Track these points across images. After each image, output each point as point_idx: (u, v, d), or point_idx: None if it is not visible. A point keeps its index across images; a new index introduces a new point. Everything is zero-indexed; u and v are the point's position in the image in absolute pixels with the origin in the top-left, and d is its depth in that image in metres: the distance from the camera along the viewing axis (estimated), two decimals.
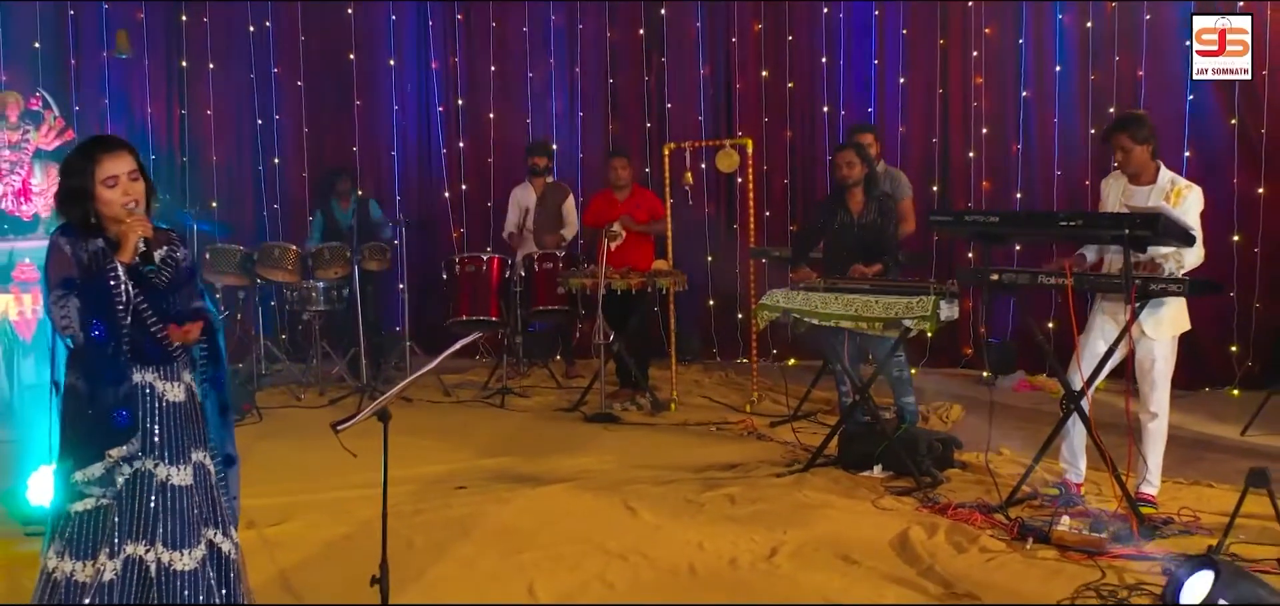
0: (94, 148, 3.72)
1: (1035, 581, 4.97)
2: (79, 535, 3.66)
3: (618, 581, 5.07)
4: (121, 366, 3.66)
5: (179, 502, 3.72)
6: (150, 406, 3.72)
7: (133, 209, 3.66)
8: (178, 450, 3.75)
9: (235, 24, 11.21)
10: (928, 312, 6.26)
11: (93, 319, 3.60)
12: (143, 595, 3.63)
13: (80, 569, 3.64)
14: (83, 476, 3.66)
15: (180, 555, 3.70)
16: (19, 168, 9.65)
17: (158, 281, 3.74)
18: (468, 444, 7.72)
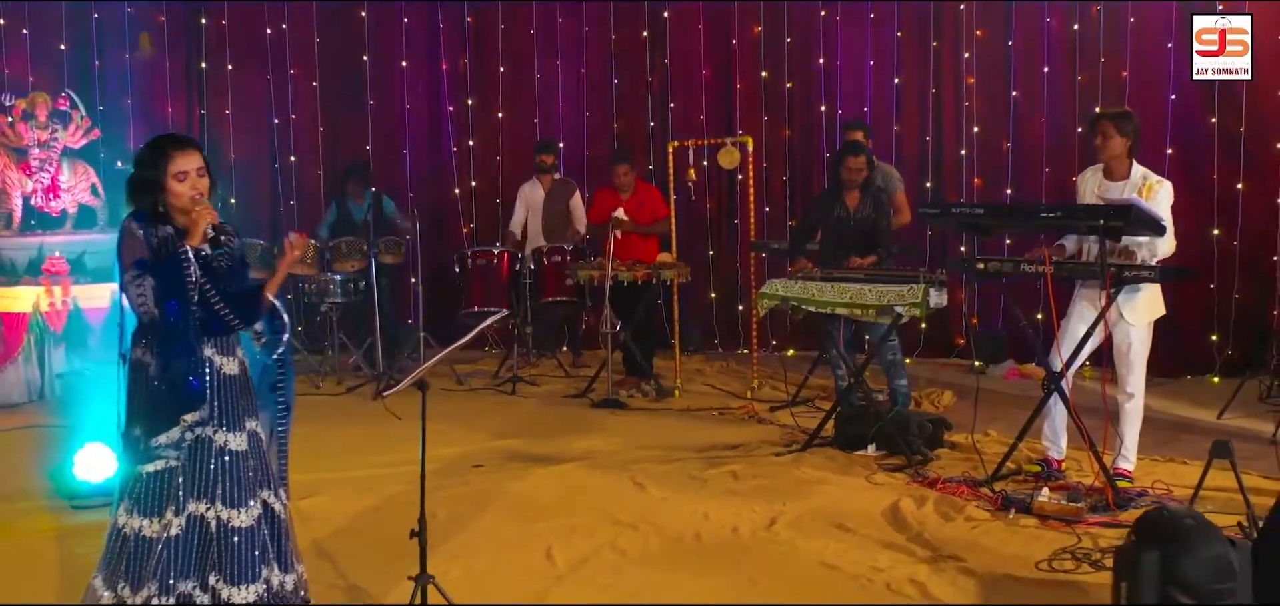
0: (167, 144, 4.08)
1: (1016, 546, 5.37)
2: (147, 495, 4.02)
3: (629, 548, 5.46)
4: (191, 341, 4.03)
5: (235, 466, 4.08)
6: (213, 379, 4.09)
7: (199, 200, 4.03)
8: (233, 418, 4.11)
9: (253, 26, 11.54)
10: (918, 300, 6.67)
11: (168, 298, 3.96)
12: (204, 548, 4.00)
13: (148, 525, 4.00)
14: (162, 439, 4.00)
15: (237, 513, 4.06)
16: (48, 165, 10.03)
17: (218, 266, 4.10)
18: (482, 427, 8.09)
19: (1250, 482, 5.70)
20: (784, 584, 4.95)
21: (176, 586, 3.96)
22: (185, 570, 3.98)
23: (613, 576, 5.09)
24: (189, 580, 3.98)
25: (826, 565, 5.17)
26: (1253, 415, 7.98)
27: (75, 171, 10.21)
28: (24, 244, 9.82)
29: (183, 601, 3.96)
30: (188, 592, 3.97)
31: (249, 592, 4.02)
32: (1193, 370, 9.50)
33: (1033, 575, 5.00)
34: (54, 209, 10.14)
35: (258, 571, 4.06)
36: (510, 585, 4.89)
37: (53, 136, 10.03)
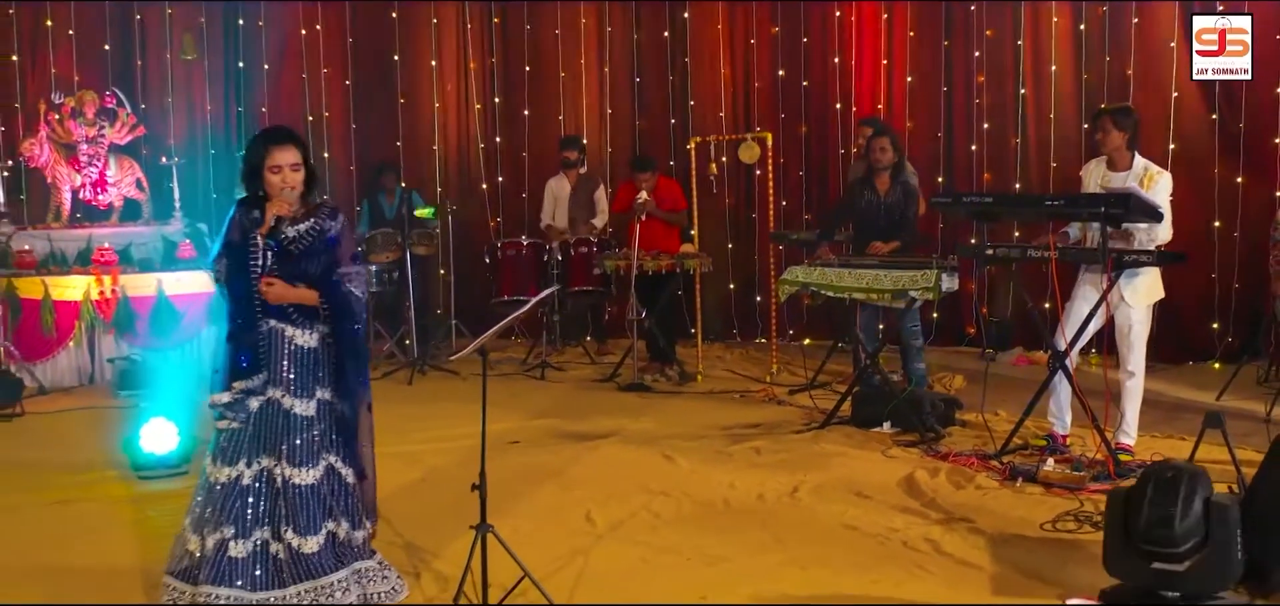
0: (268, 138, 4.49)
1: (1023, 510, 5.77)
2: (227, 448, 4.45)
3: (662, 511, 5.88)
4: (253, 317, 4.43)
5: (299, 429, 4.49)
6: (279, 349, 4.48)
7: (285, 192, 4.43)
8: (303, 386, 4.51)
9: (288, 27, 11.95)
10: (931, 284, 7.09)
11: (233, 278, 4.41)
12: (272, 498, 4.43)
13: (224, 472, 4.43)
14: (218, 398, 4.45)
15: (300, 471, 4.46)
16: (96, 161, 10.47)
17: (295, 248, 4.51)
18: (516, 409, 8.50)
19: (1244, 454, 6.07)
20: (808, 541, 5.36)
21: (252, 531, 4.38)
22: (258, 519, 4.41)
23: (649, 534, 5.51)
24: (262, 528, 4.41)
25: (847, 525, 5.59)
26: (1249, 397, 8.36)
27: (121, 166, 10.63)
28: (73, 235, 10.25)
29: (259, 546, 4.38)
30: (263, 539, 4.40)
31: (313, 542, 4.44)
32: (1194, 356, 9.87)
33: (1037, 534, 5.40)
34: (101, 202, 10.57)
35: (320, 524, 4.47)
36: (555, 543, 5.29)
37: (100, 133, 10.45)
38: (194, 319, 10.01)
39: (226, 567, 4.31)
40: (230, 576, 4.30)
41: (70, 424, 8.36)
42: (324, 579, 4.41)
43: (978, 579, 4.85)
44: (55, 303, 9.66)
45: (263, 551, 4.38)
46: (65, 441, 7.75)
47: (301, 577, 4.38)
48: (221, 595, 4.26)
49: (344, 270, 4.54)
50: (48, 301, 9.62)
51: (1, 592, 4.83)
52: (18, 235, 10.00)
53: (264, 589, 4.33)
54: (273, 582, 4.35)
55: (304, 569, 4.39)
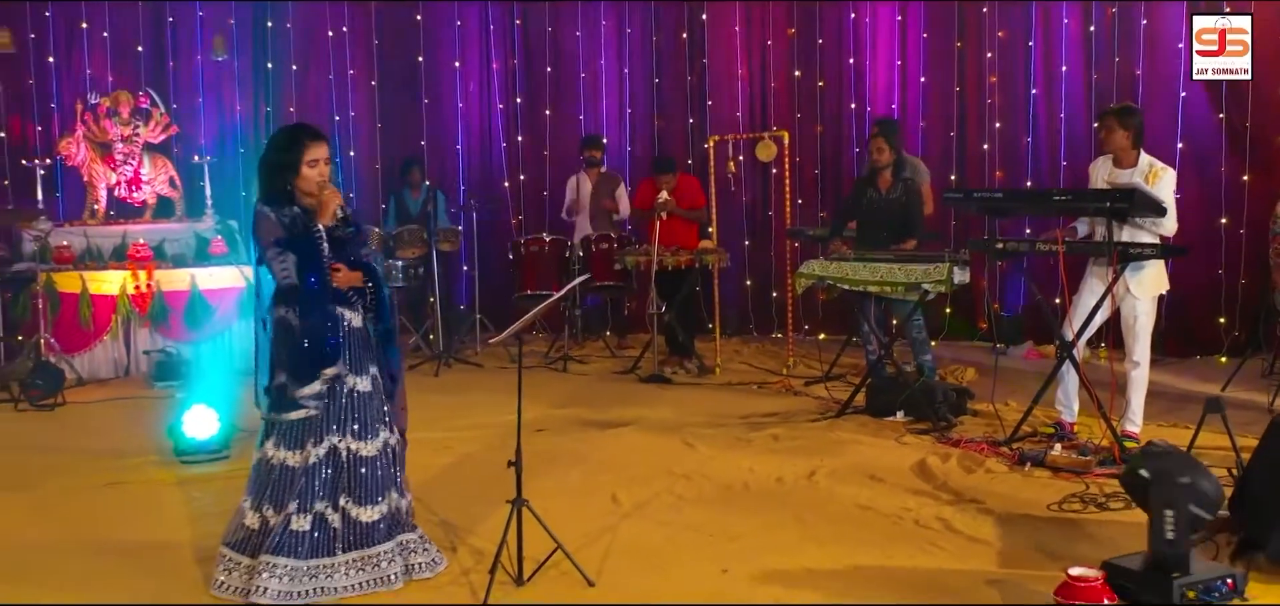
0: (302, 134, 4.74)
1: (1031, 492, 6.03)
2: (292, 433, 4.70)
3: (685, 493, 6.15)
4: (322, 306, 4.70)
5: (363, 404, 4.77)
6: (346, 333, 4.78)
7: (326, 185, 4.71)
8: (359, 364, 4.80)
9: (316, 29, 12.23)
10: (943, 277, 7.35)
11: (307, 270, 4.64)
12: (336, 472, 4.70)
13: (291, 456, 4.70)
14: (305, 391, 4.66)
15: (364, 444, 4.75)
16: (131, 159, 10.77)
17: (342, 236, 4.79)
18: (540, 399, 8.77)
19: (1246, 442, 6.30)
20: (825, 520, 5.62)
21: (313, 506, 4.65)
22: (321, 492, 4.68)
23: (673, 513, 5.78)
24: (323, 500, 4.68)
25: (862, 506, 5.85)
26: (1254, 389, 8.58)
27: (155, 165, 10.93)
28: (109, 232, 10.56)
29: (317, 518, 4.65)
30: (321, 511, 4.67)
31: (374, 512, 4.73)
32: (1201, 350, 10.10)
33: (1044, 514, 5.65)
34: (136, 200, 10.87)
35: (381, 494, 4.76)
36: (583, 521, 5.55)
37: (135, 132, 10.75)
38: (226, 313, 10.33)
39: (287, 540, 4.57)
40: (290, 548, 4.56)
41: (110, 413, 8.65)
42: (374, 548, 4.69)
43: (986, 553, 5.10)
44: (93, 297, 9.97)
45: (321, 521, 4.64)
46: (107, 429, 8.04)
47: (354, 546, 4.66)
48: (277, 563, 4.52)
49: (368, 252, 4.83)
50: (86, 295, 9.93)
51: (68, 564, 5.12)
52: (56, 231, 10.28)
53: (317, 556, 4.60)
54: (326, 550, 4.62)
55: (359, 537, 4.67)
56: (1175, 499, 4.36)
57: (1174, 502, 4.35)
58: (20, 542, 5.50)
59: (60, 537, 5.55)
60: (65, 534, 5.61)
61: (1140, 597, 4.36)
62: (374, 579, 4.68)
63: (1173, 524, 4.34)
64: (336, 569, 4.62)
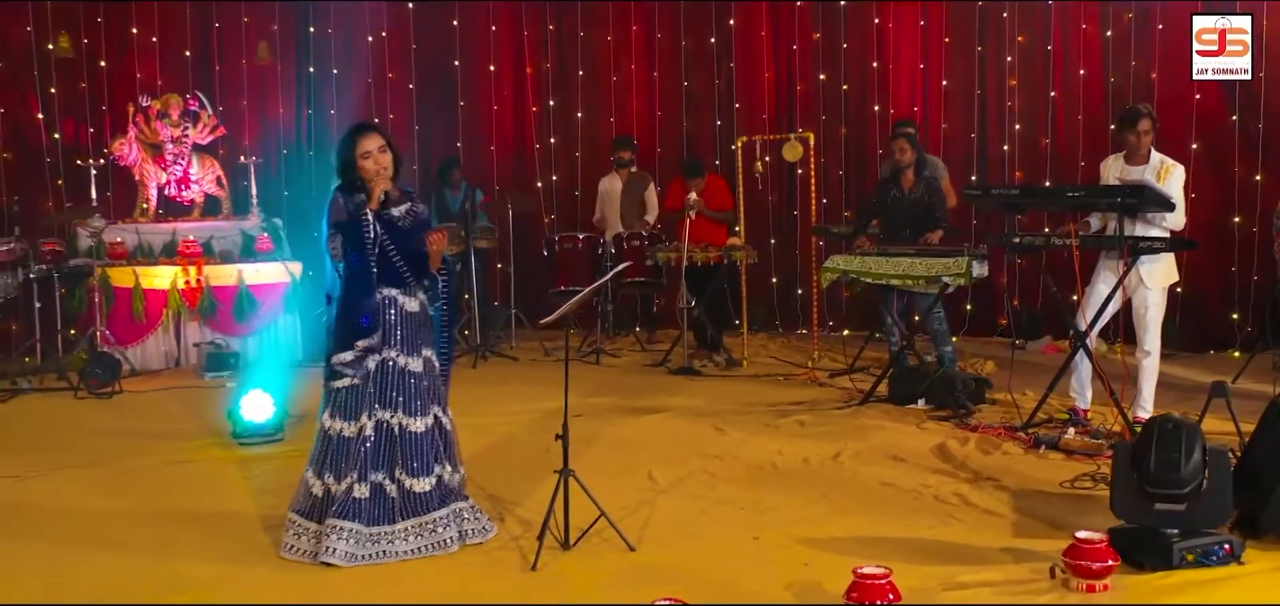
0: (356, 131, 5.17)
1: (1045, 472, 6.38)
2: (345, 404, 5.11)
3: (717, 472, 6.52)
4: (369, 285, 5.10)
5: (412, 383, 5.16)
6: (394, 314, 5.16)
7: (379, 174, 5.10)
8: (412, 345, 5.18)
9: (356, 34, 12.58)
10: (962, 270, 7.71)
11: (350, 250, 5.08)
12: (390, 445, 5.09)
13: (347, 427, 5.09)
14: (338, 360, 5.12)
15: (414, 420, 5.14)
16: (180, 159, 11.18)
17: (402, 225, 5.18)
18: (575, 389, 8.85)
19: (1250, 427, 6.63)
20: (850, 496, 5.98)
21: (370, 475, 5.04)
22: (377, 463, 5.07)
23: (706, 490, 6.16)
24: (380, 471, 5.07)
25: (884, 483, 6.22)
26: (1263, 381, 8.82)
27: (203, 165, 11.34)
28: (159, 229, 10.97)
29: (375, 487, 5.05)
30: (379, 481, 5.06)
31: (426, 483, 5.11)
32: (1215, 345, 10.39)
33: (1057, 491, 6.01)
34: (185, 198, 11.28)
35: (432, 467, 5.15)
36: (622, 496, 5.90)
37: (184, 133, 11.15)
38: (271, 307, 10.73)
39: (350, 505, 4.97)
40: (353, 513, 4.96)
41: (166, 401, 9.06)
42: (429, 515, 5.09)
43: (1001, 525, 5.45)
44: (145, 291, 10.38)
45: (379, 491, 5.04)
46: (164, 415, 8.46)
47: (411, 514, 5.06)
48: (344, 526, 4.92)
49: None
50: (138, 290, 10.35)
51: (145, 531, 5.54)
52: (109, 228, 10.70)
53: (378, 523, 5.00)
54: (386, 518, 5.02)
55: (415, 506, 5.07)
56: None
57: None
58: (98, 511, 5.92)
59: (134, 507, 5.97)
60: (139, 504, 6.02)
61: (1142, 560, 4.71)
62: (431, 543, 5.07)
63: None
64: (396, 535, 5.02)
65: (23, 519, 5.81)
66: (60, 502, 6.11)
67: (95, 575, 4.95)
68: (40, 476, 6.61)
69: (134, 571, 4.99)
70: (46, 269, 9.94)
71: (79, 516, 5.83)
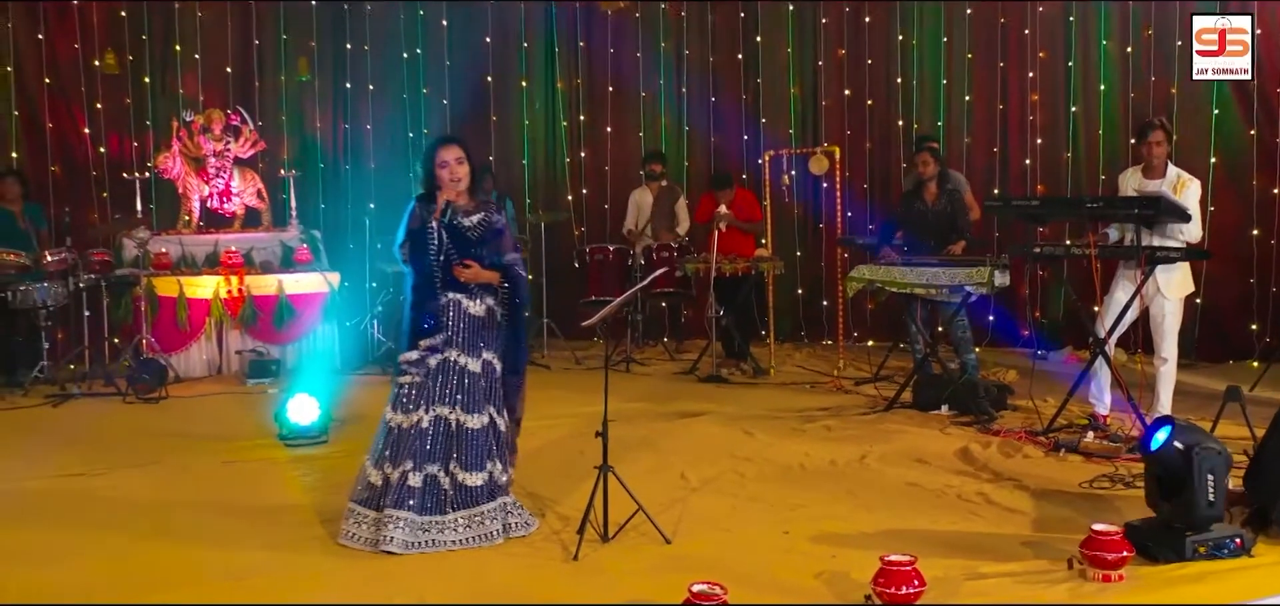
0: (437, 142, 5.52)
1: (1064, 473, 6.62)
2: (407, 399, 5.42)
3: (747, 472, 6.78)
4: (434, 290, 5.40)
5: (470, 383, 5.45)
6: (457, 316, 5.44)
7: (450, 184, 5.39)
8: (472, 347, 5.47)
9: (391, 52, 12.89)
10: (984, 279, 7.94)
11: (414, 257, 5.39)
12: (446, 439, 5.38)
13: (405, 419, 5.40)
14: (403, 358, 5.45)
15: (470, 418, 5.43)
16: (222, 173, 11.49)
17: (471, 234, 5.46)
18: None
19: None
20: (875, 494, 6.23)
21: (425, 466, 5.33)
22: (432, 455, 5.36)
23: (737, 488, 6.43)
24: (434, 463, 5.35)
25: (909, 483, 6.47)
26: (1278, 389, 9.08)
27: (244, 178, 11.65)
28: (202, 240, 11.28)
29: (429, 478, 5.33)
30: (434, 473, 5.35)
31: (478, 478, 5.39)
32: (1234, 355, 10.55)
33: (1076, 491, 6.25)
34: (226, 210, 11.60)
35: (484, 462, 5.42)
36: (656, 494, 6.14)
37: (226, 148, 11.47)
38: (310, 316, 11.03)
39: (405, 494, 5.27)
40: (406, 501, 5.26)
41: (211, 406, 9.37)
42: (478, 508, 5.37)
43: (1021, 521, 5.70)
44: (189, 300, 10.67)
45: (433, 483, 5.34)
46: (211, 418, 8.76)
47: (461, 507, 5.35)
48: (400, 516, 5.22)
49: (511, 257, 5.49)
50: (182, 299, 10.64)
51: (206, 522, 5.85)
52: (154, 239, 11.01)
53: (431, 513, 5.29)
54: (438, 508, 5.32)
55: (466, 499, 5.36)
56: (1216, 466, 4.93)
57: (1215, 469, 4.92)
58: (157, 504, 6.23)
59: (190, 501, 6.28)
60: (197, 498, 6.33)
61: (1156, 552, 4.94)
62: (479, 535, 5.36)
63: (1213, 487, 4.91)
64: (447, 525, 5.31)
65: (88, 511, 6.12)
66: (120, 496, 6.42)
67: (160, 561, 5.26)
68: (99, 473, 6.93)
69: (196, 558, 5.30)
70: (95, 278, 10.27)
71: (139, 508, 6.13)
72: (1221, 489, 4.93)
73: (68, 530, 5.76)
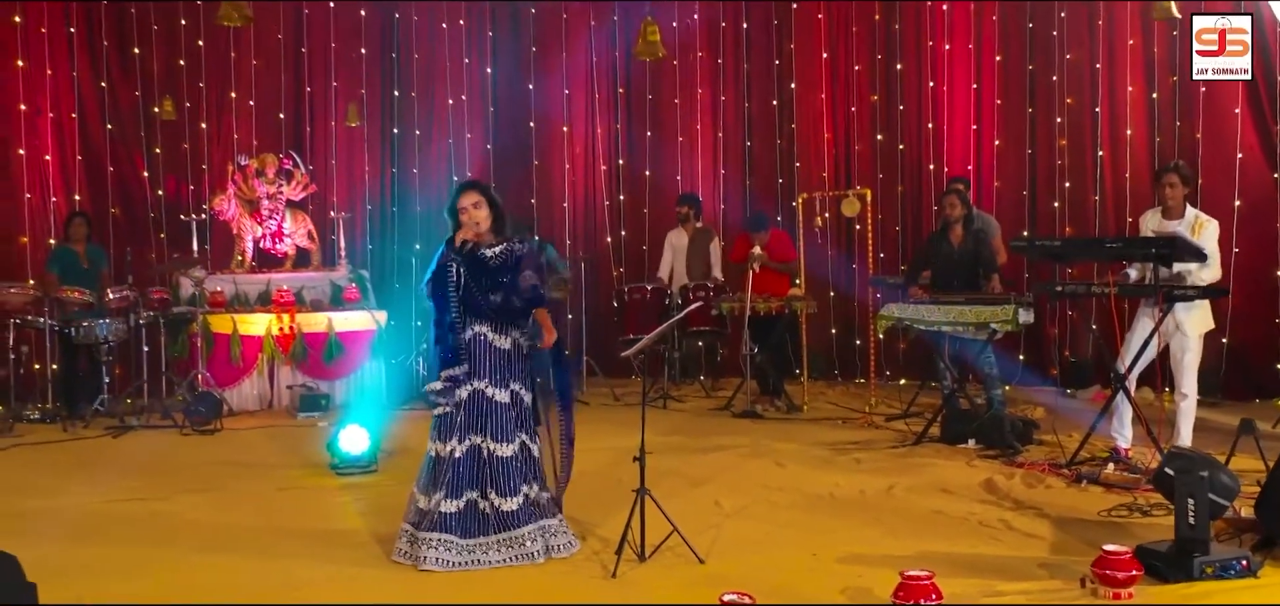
0: (458, 188, 5.87)
1: (1085, 503, 6.87)
2: (443, 428, 5.76)
3: (779, 500, 7.08)
4: (453, 323, 5.73)
5: (498, 413, 5.77)
6: (483, 349, 5.77)
7: (469, 225, 5.72)
8: (499, 378, 5.79)
9: (437, 98, 13.37)
10: (1009, 317, 8.23)
11: (436, 292, 5.76)
12: (478, 466, 5.71)
13: (442, 448, 5.74)
14: (429, 388, 5.83)
15: (500, 446, 5.75)
16: (275, 214, 11.95)
17: (492, 263, 5.80)
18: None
19: None
20: (902, 522, 6.51)
21: (464, 492, 5.67)
22: (470, 482, 5.70)
23: (769, 515, 6.73)
24: (473, 489, 5.69)
25: (934, 511, 6.74)
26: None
27: (295, 220, 12.11)
28: (254, 279, 11.73)
29: (469, 503, 5.68)
30: (473, 498, 5.69)
31: (513, 502, 5.71)
32: (1260, 395, 10.75)
33: (1095, 519, 6.49)
34: (279, 251, 12.05)
35: (519, 487, 5.74)
36: (691, 519, 6.41)
37: (279, 190, 11.93)
38: (358, 353, 11.43)
39: (441, 519, 5.63)
40: (445, 525, 5.62)
41: (264, 437, 9.74)
42: (517, 530, 5.69)
43: (1040, 545, 5.97)
44: (242, 337, 11.11)
45: (472, 507, 5.67)
46: (265, 449, 9.14)
47: (501, 529, 5.67)
48: (434, 538, 5.60)
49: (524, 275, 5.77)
50: (236, 336, 11.07)
51: (268, 542, 6.22)
52: (210, 279, 11.45)
53: (473, 536, 5.63)
54: (479, 531, 5.65)
55: (503, 522, 5.67)
56: (1196, 489, 5.20)
57: (1195, 492, 5.19)
58: (216, 525, 6.61)
59: (252, 523, 6.65)
60: (256, 522, 6.70)
61: (1165, 572, 5.20)
62: (518, 554, 5.68)
63: (1194, 511, 5.18)
64: (490, 547, 5.64)
65: (154, 531, 6.51)
66: (183, 518, 6.81)
67: (222, 575, 5.62)
68: (161, 498, 7.32)
69: (256, 571, 5.66)
70: (154, 315, 10.72)
71: (202, 529, 6.52)
72: (1203, 511, 5.17)
73: (137, 547, 6.15)
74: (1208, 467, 5.34)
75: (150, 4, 12.38)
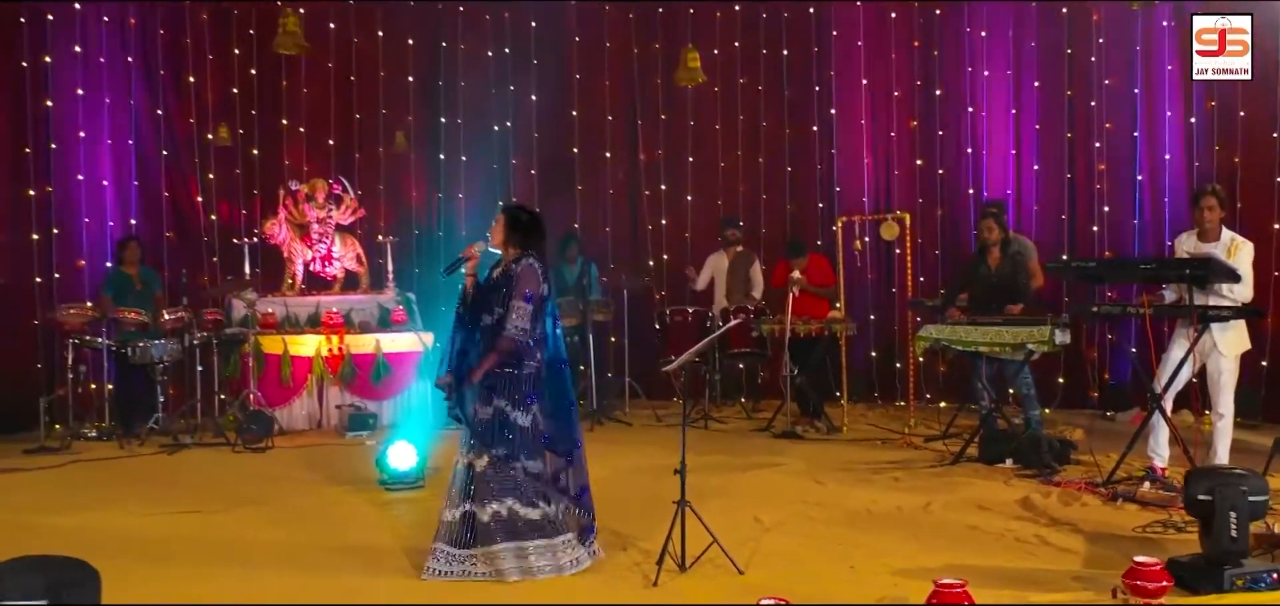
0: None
1: (1120, 519, 6.97)
2: (462, 442, 5.99)
3: (817, 516, 7.21)
4: (464, 345, 6.01)
5: (482, 429, 5.90)
6: (465, 365, 6.03)
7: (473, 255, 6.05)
8: (484, 396, 5.88)
9: (484, 125, 13.59)
10: (1046, 338, 8.33)
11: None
12: (469, 480, 5.88)
13: (461, 457, 5.96)
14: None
15: (479, 460, 5.86)
16: (325, 238, 12.22)
17: (484, 284, 6.06)
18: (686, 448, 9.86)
19: None
20: (939, 537, 6.63)
21: (460, 503, 5.89)
22: (461, 494, 5.89)
23: (808, 529, 6.87)
24: (465, 501, 5.87)
25: (970, 527, 6.86)
26: None
27: (344, 243, 12.38)
28: (304, 302, 12.01)
29: (460, 514, 5.87)
30: (467, 509, 5.87)
31: (485, 513, 5.82)
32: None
33: (1129, 535, 6.59)
34: (328, 274, 12.32)
35: (488, 503, 5.83)
36: (730, 533, 6.53)
37: (328, 215, 12.21)
38: (405, 374, 11.66)
39: (443, 530, 5.94)
40: (445, 536, 5.91)
41: (314, 455, 9.97)
42: (493, 547, 5.82)
43: (1074, 559, 6.08)
44: (292, 357, 11.37)
45: (463, 519, 5.88)
46: (315, 466, 9.37)
47: (479, 543, 5.83)
48: (438, 548, 5.91)
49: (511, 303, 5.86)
50: (286, 356, 11.34)
51: (307, 556, 6.44)
52: (261, 301, 11.73)
53: (458, 547, 5.86)
54: (464, 542, 5.85)
55: (480, 535, 5.83)
56: (1237, 501, 5.30)
57: (1237, 505, 5.29)
58: (271, 539, 6.83)
59: (294, 539, 6.86)
60: (299, 536, 6.92)
61: (1195, 585, 5.30)
62: (494, 571, 5.80)
63: (1236, 523, 5.27)
64: (477, 559, 5.81)
65: (210, 543, 6.76)
66: (238, 532, 7.05)
67: (278, 584, 5.82)
68: (217, 512, 7.56)
69: (313, 583, 5.86)
70: (207, 336, 10.99)
71: (257, 542, 6.76)
72: (1244, 525, 5.27)
73: (195, 559, 6.40)
74: (1238, 478, 5.43)
75: (206, 34, 12.72)
